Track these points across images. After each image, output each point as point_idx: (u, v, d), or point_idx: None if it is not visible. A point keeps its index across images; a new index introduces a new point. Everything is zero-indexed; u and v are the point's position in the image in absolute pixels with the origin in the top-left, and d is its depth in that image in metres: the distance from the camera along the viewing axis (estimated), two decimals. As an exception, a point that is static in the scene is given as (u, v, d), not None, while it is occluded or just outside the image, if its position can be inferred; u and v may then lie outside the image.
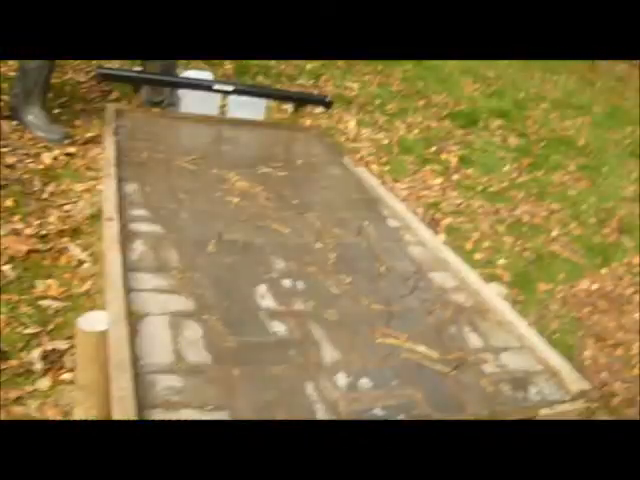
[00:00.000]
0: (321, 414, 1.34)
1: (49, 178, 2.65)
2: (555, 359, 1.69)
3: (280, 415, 1.31)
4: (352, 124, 4.04)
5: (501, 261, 3.01)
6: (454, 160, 4.00)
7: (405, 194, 3.38)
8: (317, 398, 1.38)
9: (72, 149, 2.91)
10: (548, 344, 1.78)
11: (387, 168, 3.64)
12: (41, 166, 2.71)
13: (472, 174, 3.91)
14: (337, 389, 1.42)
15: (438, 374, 1.55)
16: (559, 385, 1.62)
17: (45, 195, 2.54)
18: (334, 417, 1.33)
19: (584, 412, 1.62)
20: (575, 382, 1.61)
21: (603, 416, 2.16)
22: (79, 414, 1.55)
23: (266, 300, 1.72)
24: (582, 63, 7.24)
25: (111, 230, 1.90)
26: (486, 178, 3.90)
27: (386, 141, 3.98)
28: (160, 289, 1.68)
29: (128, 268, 1.74)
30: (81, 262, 2.24)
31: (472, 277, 2.03)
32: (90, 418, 1.51)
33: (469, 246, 3.05)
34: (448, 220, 3.22)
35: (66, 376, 1.76)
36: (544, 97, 5.76)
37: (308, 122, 3.78)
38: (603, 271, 3.31)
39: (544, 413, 1.51)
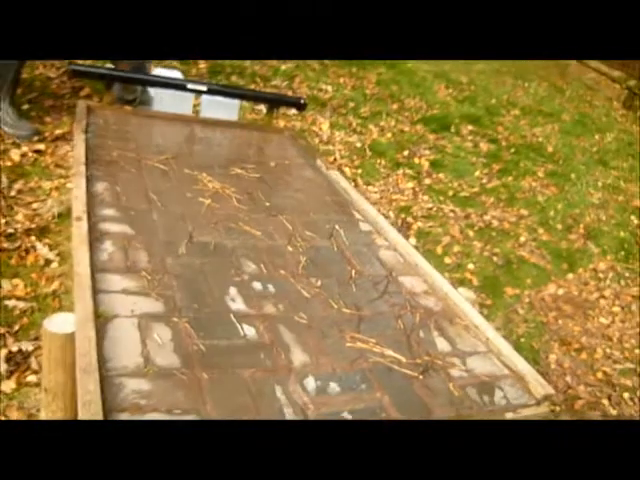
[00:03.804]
0: (290, 418, 1.34)
1: (17, 175, 2.61)
2: (521, 364, 1.72)
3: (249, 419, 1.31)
4: (325, 126, 4.06)
5: (470, 265, 3.05)
6: (426, 164, 4.04)
7: (377, 197, 3.40)
8: (286, 402, 1.38)
9: (41, 146, 2.86)
10: (514, 349, 1.81)
11: (360, 171, 3.66)
12: (9, 163, 2.66)
13: (443, 179, 3.96)
14: (306, 393, 1.43)
15: (406, 378, 1.57)
16: (524, 390, 1.65)
17: (12, 193, 2.50)
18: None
19: (548, 416, 1.65)
20: (539, 387, 1.64)
21: (566, 418, 2.20)
22: (45, 417, 1.52)
23: (236, 303, 1.71)
24: (553, 70, 7.38)
25: (80, 230, 1.87)
26: (457, 183, 3.95)
27: (359, 144, 4.01)
28: (129, 291, 1.67)
29: (97, 269, 1.72)
30: (48, 262, 2.21)
31: (441, 281, 2.06)
32: (55, 421, 1.49)
33: (439, 250, 3.08)
34: (419, 224, 3.25)
35: (32, 378, 1.74)
36: (515, 103, 5.86)
37: (282, 123, 3.78)
38: (569, 276, 3.38)
39: (509, 417, 1.54)
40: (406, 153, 4.12)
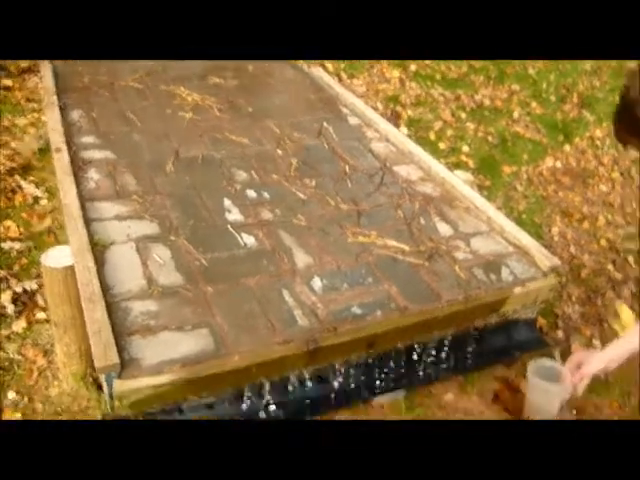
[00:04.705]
0: (300, 319, 1.34)
1: (-12, 115, 2.51)
2: (525, 239, 1.71)
3: (260, 325, 1.32)
4: (301, 23, 3.85)
5: (465, 148, 2.99)
6: (410, 50, 3.87)
7: (363, 90, 3.28)
8: (294, 304, 1.38)
9: (8, 82, 2.73)
10: (517, 225, 1.80)
11: (342, 65, 3.51)
12: (-23, 103, 2.55)
13: (430, 63, 3.80)
14: (313, 293, 1.42)
15: (412, 266, 1.56)
16: (530, 264, 1.64)
17: (-13, 134, 2.41)
18: (314, 320, 1.34)
19: (555, 287, 1.66)
20: (545, 259, 1.64)
21: (573, 288, 2.22)
22: (59, 351, 1.53)
23: (232, 214, 1.69)
24: None
25: (61, 161, 1.82)
26: (444, 65, 3.80)
27: (338, 37, 3.82)
28: (122, 216, 1.64)
29: (85, 198, 1.68)
30: (37, 199, 2.15)
31: (437, 167, 2.01)
32: (70, 354, 1.50)
33: (432, 136, 3.00)
34: (409, 112, 3.15)
35: (41, 315, 1.73)
36: (496, -27, 5.54)
37: (255, 25, 3.59)
38: (566, 147, 3.32)
39: (518, 292, 1.54)
40: (388, 41, 3.93)
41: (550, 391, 1.52)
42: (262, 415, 1.29)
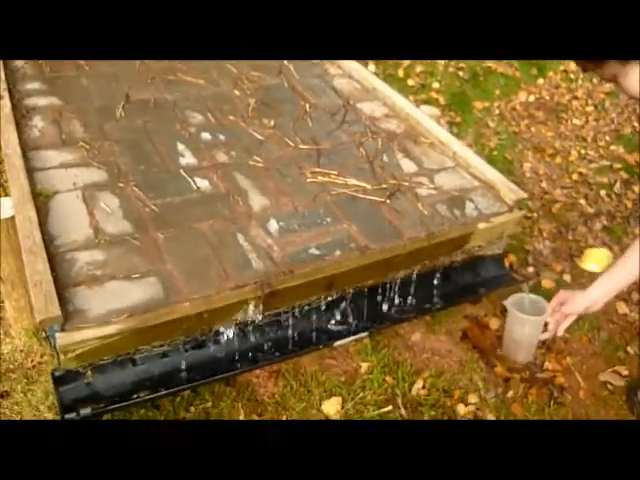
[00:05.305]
0: (255, 263, 1.29)
1: None
2: (490, 173, 1.66)
3: (213, 271, 1.26)
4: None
5: (435, 84, 2.90)
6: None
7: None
8: (249, 247, 1.33)
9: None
10: (484, 159, 1.74)
11: None
12: None
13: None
14: (269, 235, 1.37)
15: (373, 204, 1.50)
16: (495, 198, 1.59)
17: None
18: (269, 263, 1.29)
19: (521, 221, 1.61)
20: (511, 193, 1.59)
21: (544, 223, 2.19)
22: (9, 306, 1.47)
23: (185, 157, 1.60)
24: None
25: (3, 109, 1.72)
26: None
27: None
28: (67, 164, 1.55)
29: (28, 147, 1.59)
30: (-15, 151, 2.05)
31: (402, 102, 1.93)
32: (20, 308, 1.44)
33: (401, 73, 2.91)
34: (377, 50, 3.04)
35: (-9, 271, 1.66)
36: None
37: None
38: (539, 81, 3.24)
39: (482, 227, 1.50)
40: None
41: (527, 324, 1.50)
42: (219, 360, 1.26)
